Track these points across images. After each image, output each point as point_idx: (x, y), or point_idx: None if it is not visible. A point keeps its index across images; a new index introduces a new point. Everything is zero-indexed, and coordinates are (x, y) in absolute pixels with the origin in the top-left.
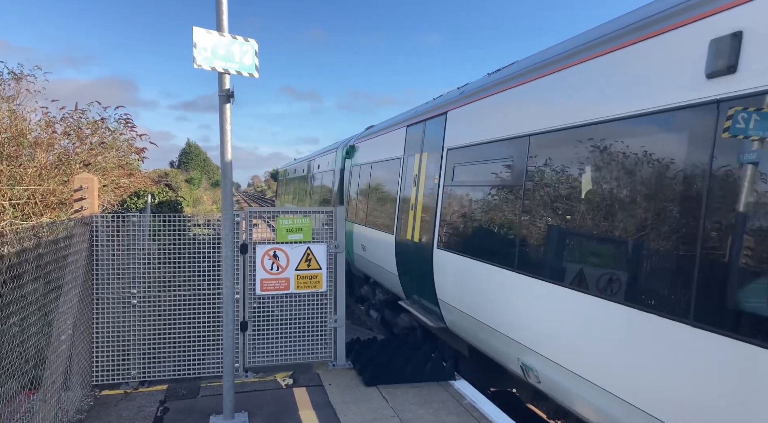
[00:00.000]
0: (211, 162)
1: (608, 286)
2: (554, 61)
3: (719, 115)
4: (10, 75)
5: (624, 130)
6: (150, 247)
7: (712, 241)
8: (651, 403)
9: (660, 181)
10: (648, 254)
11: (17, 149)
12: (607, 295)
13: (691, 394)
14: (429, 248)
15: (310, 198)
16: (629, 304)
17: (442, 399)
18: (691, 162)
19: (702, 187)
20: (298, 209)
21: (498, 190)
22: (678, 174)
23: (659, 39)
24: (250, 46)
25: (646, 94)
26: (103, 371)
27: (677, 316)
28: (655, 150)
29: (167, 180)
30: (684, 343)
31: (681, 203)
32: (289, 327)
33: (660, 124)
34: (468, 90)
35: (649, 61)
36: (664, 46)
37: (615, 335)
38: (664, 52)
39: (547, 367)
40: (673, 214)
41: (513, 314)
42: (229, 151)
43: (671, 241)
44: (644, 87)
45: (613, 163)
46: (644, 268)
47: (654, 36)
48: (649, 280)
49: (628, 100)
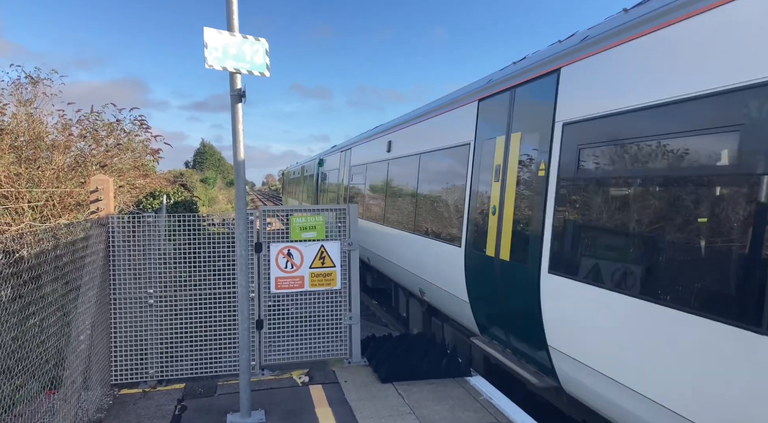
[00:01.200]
0: (225, 161)
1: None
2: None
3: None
4: (27, 79)
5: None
6: (166, 247)
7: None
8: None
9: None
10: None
11: (35, 152)
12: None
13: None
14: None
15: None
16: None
17: (458, 395)
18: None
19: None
20: (311, 207)
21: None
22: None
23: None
24: (261, 45)
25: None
26: (122, 370)
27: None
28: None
29: (182, 180)
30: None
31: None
32: (304, 324)
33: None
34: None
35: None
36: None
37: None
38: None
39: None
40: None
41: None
42: (241, 151)
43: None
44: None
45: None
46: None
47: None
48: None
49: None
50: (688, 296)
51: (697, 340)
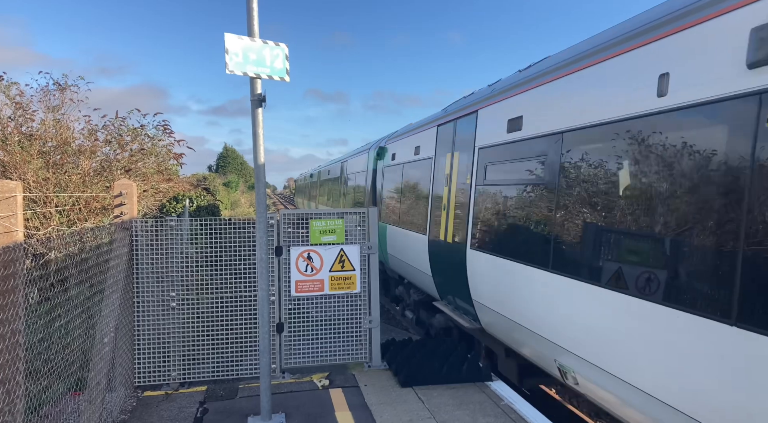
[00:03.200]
0: (247, 165)
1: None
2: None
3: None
4: (56, 85)
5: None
6: (188, 250)
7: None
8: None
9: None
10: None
11: (63, 157)
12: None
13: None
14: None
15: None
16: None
17: (479, 400)
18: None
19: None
20: (331, 211)
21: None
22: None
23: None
24: (281, 50)
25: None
26: (145, 373)
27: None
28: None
29: (205, 184)
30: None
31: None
32: (324, 328)
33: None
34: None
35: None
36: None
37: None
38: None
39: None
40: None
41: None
42: (262, 155)
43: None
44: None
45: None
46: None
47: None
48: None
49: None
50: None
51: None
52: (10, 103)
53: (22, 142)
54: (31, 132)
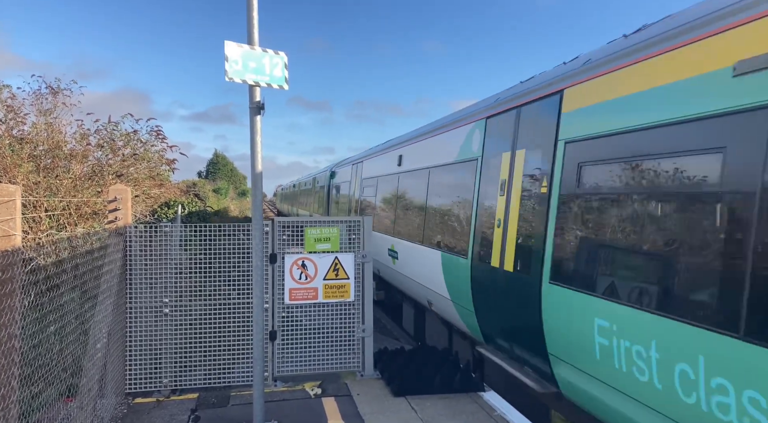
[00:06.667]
0: (237, 172)
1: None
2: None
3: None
4: (48, 89)
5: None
6: (181, 256)
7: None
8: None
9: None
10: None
11: (54, 161)
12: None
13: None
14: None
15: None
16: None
17: (471, 410)
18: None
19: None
20: (326, 219)
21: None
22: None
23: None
24: (280, 58)
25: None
26: (136, 379)
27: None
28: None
29: (195, 190)
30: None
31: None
32: (317, 336)
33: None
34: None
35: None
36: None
37: None
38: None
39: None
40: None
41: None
42: (259, 163)
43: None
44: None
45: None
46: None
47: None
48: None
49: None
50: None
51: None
52: (1, 106)
53: (12, 146)
54: (22, 135)
